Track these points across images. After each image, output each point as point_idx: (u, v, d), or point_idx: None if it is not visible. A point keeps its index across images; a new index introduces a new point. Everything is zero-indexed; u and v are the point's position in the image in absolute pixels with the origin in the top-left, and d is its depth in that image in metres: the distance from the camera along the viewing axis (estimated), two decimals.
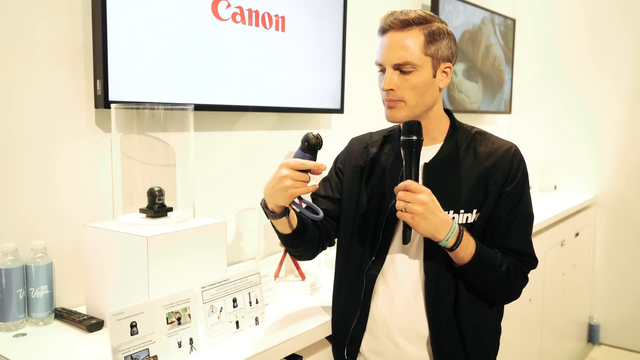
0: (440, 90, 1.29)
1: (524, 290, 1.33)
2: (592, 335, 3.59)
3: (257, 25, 1.82)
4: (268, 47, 1.88)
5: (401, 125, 1.26)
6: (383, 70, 1.27)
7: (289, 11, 1.93)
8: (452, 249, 1.21)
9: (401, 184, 1.19)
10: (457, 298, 1.29)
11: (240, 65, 1.80)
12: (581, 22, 3.57)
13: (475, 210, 1.28)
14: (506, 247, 1.30)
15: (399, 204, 1.18)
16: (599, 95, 3.52)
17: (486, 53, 3.33)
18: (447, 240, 1.20)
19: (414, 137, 1.20)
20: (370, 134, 1.47)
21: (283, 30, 1.92)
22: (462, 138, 1.33)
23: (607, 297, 3.56)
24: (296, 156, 1.22)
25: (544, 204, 3.07)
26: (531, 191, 3.20)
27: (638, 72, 3.39)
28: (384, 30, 1.27)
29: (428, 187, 1.19)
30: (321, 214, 1.25)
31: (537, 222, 2.63)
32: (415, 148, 1.20)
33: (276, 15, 1.89)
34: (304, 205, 1.28)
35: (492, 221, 1.29)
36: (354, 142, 1.48)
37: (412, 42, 1.23)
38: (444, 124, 1.35)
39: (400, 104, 1.26)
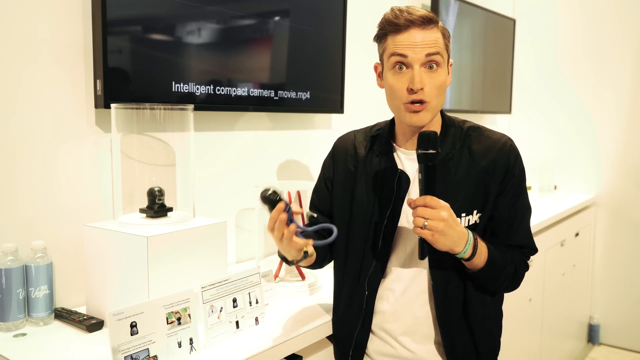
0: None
1: (524, 290, 1.34)
2: (592, 335, 3.59)
3: (257, 25, 1.82)
4: (269, 46, 1.88)
5: (391, 123, 1.26)
6: (400, 67, 1.21)
7: (288, 11, 1.93)
8: (469, 259, 1.21)
9: (420, 199, 1.15)
10: (466, 298, 1.29)
11: (240, 65, 1.80)
12: (581, 22, 3.57)
13: (475, 211, 1.27)
14: (510, 243, 1.31)
15: (418, 221, 1.14)
16: (599, 95, 3.52)
17: (486, 53, 3.33)
18: (464, 252, 1.19)
19: (432, 150, 1.14)
20: (354, 134, 1.43)
21: (283, 29, 1.92)
22: (455, 137, 1.30)
23: (607, 297, 3.56)
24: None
25: (544, 204, 3.07)
26: (531, 191, 3.22)
27: (637, 72, 3.39)
28: (402, 27, 1.20)
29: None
30: (334, 232, 1.17)
31: (537, 222, 2.64)
32: (432, 162, 1.15)
33: (276, 15, 1.89)
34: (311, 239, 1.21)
35: (494, 219, 1.29)
36: (339, 144, 1.44)
37: (437, 38, 1.21)
38: (438, 122, 1.32)
39: (426, 105, 1.22)
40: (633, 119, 3.42)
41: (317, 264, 1.40)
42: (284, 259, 1.29)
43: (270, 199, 1.15)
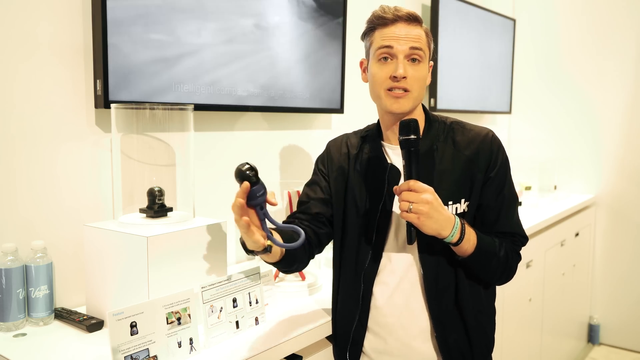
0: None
1: (524, 290, 1.34)
2: (592, 335, 3.60)
3: (257, 25, 1.82)
4: (269, 46, 1.88)
5: (378, 124, 1.31)
6: (385, 58, 1.27)
7: (288, 11, 1.93)
8: (457, 243, 1.22)
9: (404, 184, 1.19)
10: (457, 288, 1.30)
11: (240, 65, 1.80)
12: (581, 22, 3.57)
13: (463, 200, 1.30)
14: (498, 231, 1.33)
15: (403, 205, 1.17)
16: (599, 95, 3.52)
17: (486, 53, 3.33)
18: (452, 236, 1.20)
19: (413, 136, 1.20)
20: (347, 136, 1.46)
21: (283, 30, 1.92)
22: (439, 130, 1.35)
23: (607, 297, 3.56)
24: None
25: (544, 204, 3.07)
26: (531, 191, 3.22)
27: (637, 72, 3.39)
28: (389, 21, 1.28)
29: None
30: (301, 236, 1.16)
31: (537, 222, 2.64)
32: (414, 147, 1.20)
33: (277, 16, 1.89)
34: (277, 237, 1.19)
35: (481, 208, 1.32)
36: (333, 144, 1.47)
37: (421, 35, 1.29)
38: (421, 117, 1.37)
39: (407, 94, 1.27)
40: (633, 119, 3.42)
41: (284, 265, 1.30)
42: (243, 245, 1.22)
43: (242, 175, 1.10)
